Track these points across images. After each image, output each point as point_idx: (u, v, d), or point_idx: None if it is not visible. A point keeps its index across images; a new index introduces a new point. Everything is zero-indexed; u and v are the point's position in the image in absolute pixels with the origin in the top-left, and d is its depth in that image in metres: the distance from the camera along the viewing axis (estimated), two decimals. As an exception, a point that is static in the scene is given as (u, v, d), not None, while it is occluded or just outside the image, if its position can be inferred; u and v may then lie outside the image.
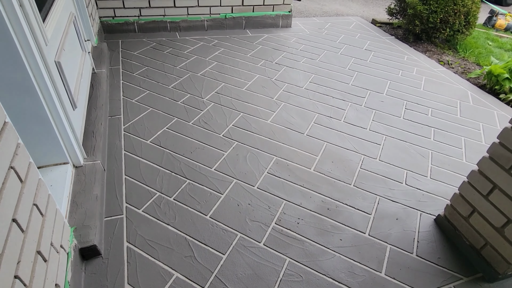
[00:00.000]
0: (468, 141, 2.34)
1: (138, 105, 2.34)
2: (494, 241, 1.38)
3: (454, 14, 3.55)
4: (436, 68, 3.36)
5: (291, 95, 2.64)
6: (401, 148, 2.19)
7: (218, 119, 2.28)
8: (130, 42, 3.17)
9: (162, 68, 2.81)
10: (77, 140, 1.65)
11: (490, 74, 3.02)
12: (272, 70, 2.96)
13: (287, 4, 3.70)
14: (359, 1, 5.73)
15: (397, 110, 2.60)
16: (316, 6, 5.07)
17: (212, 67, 2.91)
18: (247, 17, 3.62)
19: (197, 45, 3.26)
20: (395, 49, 3.71)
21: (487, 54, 3.91)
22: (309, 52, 3.38)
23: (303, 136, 2.21)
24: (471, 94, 2.96)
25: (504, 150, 1.29)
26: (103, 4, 3.07)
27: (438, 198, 1.83)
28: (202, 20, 3.47)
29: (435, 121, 2.52)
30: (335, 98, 2.67)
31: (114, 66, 2.76)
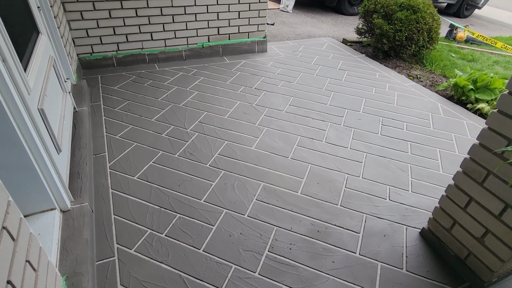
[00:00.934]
0: (443, 152, 2.47)
1: (122, 140, 2.34)
2: (476, 251, 1.45)
3: (418, 31, 3.80)
4: (407, 83, 3.55)
5: (273, 120, 2.71)
6: (381, 164, 2.29)
7: (204, 149, 2.31)
8: (109, 76, 3.19)
9: (144, 101, 2.83)
10: (63, 184, 1.63)
11: (456, 86, 3.22)
12: (252, 96, 3.04)
13: (261, 30, 3.84)
14: (329, 22, 6.01)
15: (374, 127, 2.72)
16: (289, 29, 5.27)
17: (193, 96, 2.96)
18: (223, 45, 3.73)
19: (177, 75, 3.31)
20: (367, 66, 3.89)
21: (452, 66, 4.17)
22: (286, 75, 3.50)
23: (288, 159, 2.27)
24: (441, 106, 3.13)
25: (475, 165, 1.38)
26: (81, 41, 3.10)
27: (421, 211, 1.92)
28: (180, 50, 3.55)
29: (410, 135, 2.65)
30: (315, 119, 2.77)
31: (95, 102, 2.76)
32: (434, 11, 3.90)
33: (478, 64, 4.45)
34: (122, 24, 3.16)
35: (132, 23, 3.19)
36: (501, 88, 3.07)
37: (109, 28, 3.14)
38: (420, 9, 3.75)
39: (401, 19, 3.74)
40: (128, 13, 3.13)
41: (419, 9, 3.75)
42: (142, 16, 3.19)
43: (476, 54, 4.78)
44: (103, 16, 3.06)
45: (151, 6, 3.17)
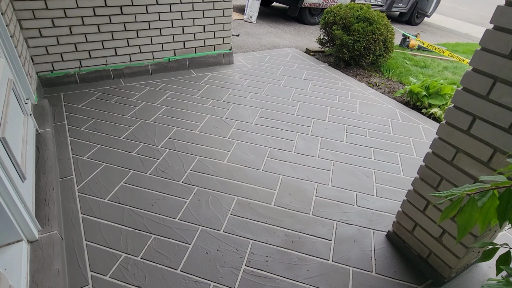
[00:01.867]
0: (403, 156, 2.65)
1: (90, 161, 2.28)
2: (436, 250, 1.59)
3: (374, 42, 4.05)
4: (367, 91, 3.77)
5: (243, 132, 2.77)
6: (348, 172, 2.41)
7: (175, 166, 2.31)
8: (72, 94, 3.09)
9: (111, 119, 2.77)
10: (30, 213, 1.57)
11: (411, 92, 3.47)
12: (221, 109, 3.08)
13: (227, 43, 3.90)
14: (292, 32, 6.20)
15: (339, 135, 2.86)
16: (253, 40, 5.39)
17: (162, 112, 2.95)
18: (190, 58, 3.74)
19: (144, 90, 3.28)
20: (330, 76, 4.08)
21: (407, 73, 4.47)
22: (253, 87, 3.58)
23: (259, 172, 2.33)
24: (399, 112, 3.36)
25: (430, 172, 1.52)
26: (40, 59, 2.98)
27: (386, 214, 2.05)
28: (146, 65, 3.51)
29: (373, 141, 2.81)
30: (283, 130, 2.86)
31: (58, 122, 2.66)
32: (388, 22, 4.18)
33: (429, 70, 4.80)
34: (84, 41, 3.08)
35: (95, 39, 3.12)
36: (450, 94, 3.35)
37: (70, 45, 3.05)
38: (375, 21, 4.00)
39: (358, 30, 3.97)
40: (90, 29, 3.06)
41: (374, 21, 4.00)
42: (105, 32, 3.13)
43: (428, 61, 5.17)
44: (63, 33, 2.96)
45: (114, 22, 3.12)
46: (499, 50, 1.14)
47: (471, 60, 1.24)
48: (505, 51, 1.12)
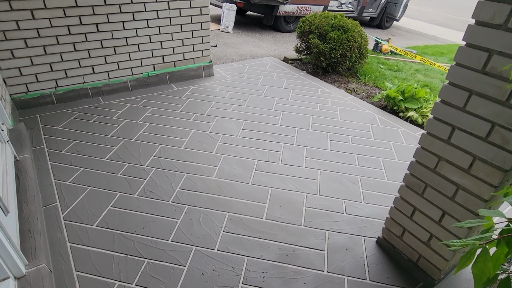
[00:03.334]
0: (385, 161, 2.74)
1: (74, 186, 2.21)
2: (425, 253, 1.65)
3: (350, 49, 4.17)
4: (346, 97, 3.87)
5: (229, 146, 2.77)
6: (335, 180, 2.47)
7: (163, 185, 2.28)
8: (50, 115, 2.99)
9: (92, 140, 2.71)
10: (15, 247, 1.51)
11: (388, 97, 3.60)
12: (205, 123, 3.08)
13: (206, 56, 3.91)
14: (269, 41, 6.29)
15: (324, 143, 2.92)
16: (232, 50, 5.42)
17: (145, 129, 2.91)
18: (170, 72, 3.72)
19: (125, 108, 3.22)
20: (309, 83, 4.16)
21: (382, 77, 4.64)
22: (235, 98, 3.60)
23: (249, 185, 2.34)
24: (378, 117, 3.47)
25: (415, 179, 1.59)
26: (13, 81, 2.87)
27: (374, 220, 2.11)
28: (125, 81, 3.46)
29: (356, 147, 2.89)
30: (269, 141, 2.89)
31: (37, 146, 2.57)
32: (361, 29, 4.33)
33: (403, 73, 5.00)
34: (59, 60, 3.00)
35: (70, 58, 3.05)
36: (424, 97, 3.50)
37: (45, 65, 2.96)
38: (349, 29, 4.14)
39: (334, 38, 4.09)
40: (66, 48, 2.98)
41: (349, 29, 4.14)
42: (81, 50, 3.06)
43: (400, 64, 5.38)
44: (37, 53, 2.87)
45: (90, 40, 3.06)
46: (473, 66, 1.21)
47: (448, 74, 1.31)
48: (478, 67, 1.20)
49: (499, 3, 1.10)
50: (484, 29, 1.15)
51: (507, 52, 1.11)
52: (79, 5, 2.87)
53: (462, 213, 1.41)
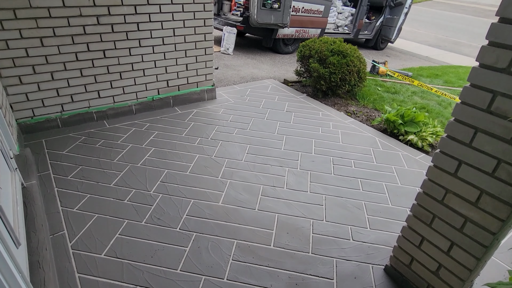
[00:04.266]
0: (388, 185, 2.78)
1: (81, 213, 2.21)
2: (434, 283, 1.67)
3: (349, 73, 4.29)
4: (346, 120, 3.95)
5: (234, 171, 2.80)
6: (340, 205, 2.50)
7: (171, 212, 2.29)
8: (55, 140, 3.01)
9: (98, 165, 2.72)
10: (26, 281, 1.50)
11: (388, 121, 3.68)
12: (210, 147, 3.11)
13: (209, 80, 3.99)
14: (268, 62, 6.43)
15: (327, 167, 2.96)
16: (233, 72, 5.52)
17: (151, 154, 2.93)
18: (174, 96, 3.78)
19: (130, 131, 3.25)
20: (310, 106, 4.24)
21: (380, 100, 4.74)
22: (238, 122, 3.65)
23: (255, 211, 2.36)
24: (379, 140, 3.54)
25: (422, 210, 1.62)
26: (20, 106, 2.90)
27: (381, 247, 2.13)
28: (130, 105, 3.50)
29: (359, 171, 2.94)
30: (273, 165, 2.92)
31: (43, 172, 2.58)
32: (360, 54, 4.46)
33: (400, 95, 5.12)
34: (66, 85, 3.05)
35: (77, 83, 3.10)
36: (423, 121, 3.59)
37: (52, 90, 3.00)
38: (348, 54, 4.26)
39: (334, 63, 4.20)
40: (73, 74, 3.04)
41: (348, 54, 4.26)
42: (88, 76, 3.12)
43: (397, 86, 5.51)
44: (44, 79, 2.92)
45: (97, 66, 3.12)
46: (478, 105, 1.28)
47: (453, 111, 1.37)
48: (483, 106, 1.26)
49: (502, 48, 1.17)
50: (488, 72, 1.22)
51: (510, 94, 1.17)
52: (87, 32, 2.94)
53: (470, 245, 1.44)
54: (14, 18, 2.58)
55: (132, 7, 3.05)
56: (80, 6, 2.80)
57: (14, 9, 2.56)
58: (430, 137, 3.46)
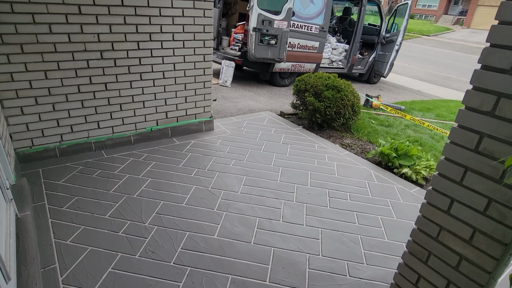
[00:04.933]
0: (384, 219, 2.79)
1: (74, 246, 2.18)
2: (432, 323, 1.64)
3: (344, 107, 4.41)
4: (342, 153, 4.01)
5: (230, 203, 2.80)
6: (336, 239, 2.48)
7: (165, 245, 2.26)
8: (52, 169, 3.01)
9: (94, 195, 2.71)
10: (14, 318, 1.46)
11: (382, 154, 3.75)
12: (206, 178, 3.13)
13: (208, 111, 4.08)
14: (265, 95, 6.60)
15: (323, 200, 2.98)
16: (230, 104, 5.65)
17: (147, 184, 2.94)
18: (172, 127, 3.84)
19: (127, 162, 3.27)
20: (306, 139, 4.32)
21: (374, 132, 4.85)
22: (235, 153, 3.69)
23: (251, 245, 2.34)
24: (374, 173, 3.58)
25: (418, 247, 1.63)
26: (19, 136, 2.93)
27: (378, 284, 2.10)
28: (129, 135, 3.55)
29: (354, 205, 2.95)
30: (269, 198, 2.93)
31: (38, 202, 2.56)
32: (353, 89, 4.62)
33: (393, 129, 5.24)
34: (67, 116, 3.10)
35: (78, 114, 3.15)
36: (417, 155, 3.66)
37: (52, 121, 3.05)
38: (342, 89, 4.41)
39: (328, 97, 4.34)
40: (74, 105, 3.10)
41: (342, 89, 4.41)
42: (89, 107, 3.19)
43: (391, 120, 5.65)
44: (46, 110, 2.98)
45: (98, 97, 3.20)
46: (466, 145, 1.33)
47: (444, 150, 1.43)
48: (471, 146, 1.32)
49: (486, 93, 1.24)
50: (474, 114, 1.29)
51: (497, 136, 1.23)
52: (90, 66, 3.05)
53: (467, 284, 1.44)
54: (21, 52, 2.68)
55: (135, 43, 3.19)
56: (85, 42, 2.92)
57: (22, 44, 2.67)
58: (424, 171, 3.51)
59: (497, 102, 1.22)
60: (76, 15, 2.82)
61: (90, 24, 2.91)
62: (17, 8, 2.57)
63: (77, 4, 2.79)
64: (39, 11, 2.66)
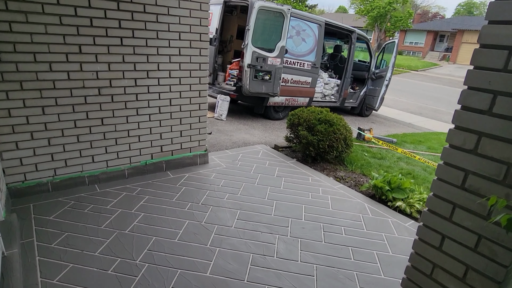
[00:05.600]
0: (380, 254, 2.75)
1: (61, 286, 2.11)
2: None
3: (336, 140, 4.50)
4: (335, 186, 4.03)
5: (223, 238, 2.76)
6: (331, 276, 2.44)
7: (156, 284, 2.20)
8: (43, 204, 2.97)
9: (85, 231, 2.66)
10: None
11: (375, 187, 3.77)
12: (200, 213, 3.10)
13: (202, 145, 4.12)
14: (260, 128, 6.71)
15: (317, 234, 2.95)
16: (225, 137, 5.73)
17: (140, 219, 2.90)
18: (167, 160, 3.86)
19: (120, 196, 3.25)
20: (300, 172, 4.35)
21: (367, 165, 4.90)
22: (229, 187, 3.69)
23: (244, 283, 2.28)
24: (368, 206, 3.58)
25: (413, 284, 1.61)
26: (13, 170, 2.92)
27: (375, 324, 2.04)
28: (123, 169, 3.55)
29: (349, 239, 2.92)
30: (263, 232, 2.90)
31: (27, 239, 2.50)
32: (345, 123, 4.74)
33: (386, 161, 5.31)
34: (61, 150, 3.12)
35: (73, 149, 3.17)
36: (410, 188, 3.69)
37: (47, 155, 3.06)
38: (335, 123, 4.52)
39: (321, 131, 4.43)
40: (70, 140, 3.13)
41: (334, 123, 4.52)
42: (84, 142, 3.21)
43: (383, 152, 5.74)
44: (41, 145, 3.00)
45: (94, 132, 3.24)
46: (453, 182, 1.37)
47: (432, 186, 1.46)
48: (457, 183, 1.36)
49: (467, 132, 1.30)
50: (458, 152, 1.34)
51: (480, 173, 1.28)
52: (88, 102, 3.11)
53: (463, 323, 1.42)
54: (20, 89, 2.75)
55: (133, 80, 3.29)
56: (84, 79, 3.01)
57: (22, 81, 2.74)
58: (417, 204, 3.53)
59: (478, 140, 1.28)
60: (76, 54, 2.93)
61: (90, 63, 3.01)
62: (19, 48, 2.67)
63: (78, 44, 2.91)
64: (40, 50, 2.76)
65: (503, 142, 1.22)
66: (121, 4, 3.04)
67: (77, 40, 2.90)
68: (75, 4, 2.81)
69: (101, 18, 2.97)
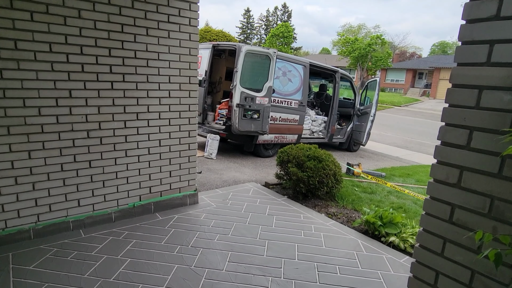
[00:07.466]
0: (376, 294, 2.67)
1: None
2: None
3: (326, 176, 4.52)
4: (328, 222, 3.98)
5: (214, 282, 2.64)
6: (328, 320, 2.33)
7: (142, 337, 2.05)
8: (24, 253, 2.82)
9: (67, 281, 2.52)
10: None
11: (368, 222, 3.74)
12: (189, 256, 2.99)
13: (192, 185, 4.08)
14: (250, 166, 6.72)
15: (311, 275, 2.85)
16: (215, 176, 5.69)
17: (126, 266, 2.77)
18: (155, 202, 3.79)
19: (106, 241, 3.12)
20: (291, 209, 4.30)
21: (358, 200, 4.89)
22: (220, 227, 3.60)
23: (237, 332, 2.15)
24: (361, 243, 3.52)
25: (411, 325, 1.56)
26: (-7, 218, 2.81)
27: None
28: (110, 212, 3.45)
29: (345, 279, 2.83)
30: (256, 275, 2.79)
31: (3, 293, 2.35)
32: (334, 159, 4.80)
33: (377, 195, 5.32)
34: (46, 195, 3.04)
35: (58, 193, 3.09)
36: (402, 222, 3.67)
37: (30, 201, 2.97)
38: (324, 159, 4.58)
39: (311, 167, 4.47)
40: (55, 184, 3.06)
41: (323, 159, 4.58)
42: (70, 185, 3.15)
43: (373, 186, 5.76)
44: (25, 190, 2.92)
45: (81, 175, 3.19)
46: (441, 216, 1.38)
47: (420, 221, 1.47)
48: (445, 217, 1.37)
49: (449, 167, 1.34)
50: (443, 186, 1.37)
51: (466, 207, 1.30)
52: (76, 145, 3.10)
53: None
54: (7, 134, 2.73)
55: (122, 122, 3.32)
56: (73, 122, 3.02)
57: (9, 126, 2.73)
58: (411, 238, 3.49)
59: (460, 174, 1.32)
60: (66, 99, 2.97)
61: (79, 106, 3.05)
62: (9, 94, 2.70)
63: (69, 89, 2.96)
64: (30, 96, 2.79)
65: (484, 175, 1.25)
66: (113, 50, 3.15)
67: (67, 85, 2.96)
68: (67, 51, 2.91)
69: (93, 64, 3.06)
